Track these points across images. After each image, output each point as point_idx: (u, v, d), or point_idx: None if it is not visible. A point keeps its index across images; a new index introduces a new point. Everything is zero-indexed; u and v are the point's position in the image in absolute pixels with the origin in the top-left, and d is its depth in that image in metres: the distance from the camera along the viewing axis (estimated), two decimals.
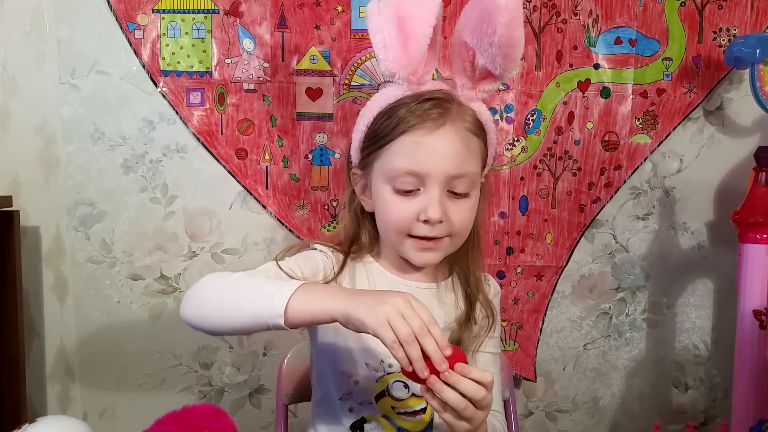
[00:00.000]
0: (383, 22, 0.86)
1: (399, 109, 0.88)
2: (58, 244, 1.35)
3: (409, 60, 0.87)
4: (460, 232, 0.90)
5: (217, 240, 1.39)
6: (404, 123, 0.87)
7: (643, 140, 1.45)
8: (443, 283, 0.97)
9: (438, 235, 0.88)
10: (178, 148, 1.36)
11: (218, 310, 0.79)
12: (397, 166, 0.87)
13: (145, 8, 1.32)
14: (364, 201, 0.95)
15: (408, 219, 0.87)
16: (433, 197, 0.86)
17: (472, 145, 0.90)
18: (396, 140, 0.87)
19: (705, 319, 1.52)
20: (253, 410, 1.43)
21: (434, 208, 0.85)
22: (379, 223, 0.92)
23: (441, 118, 0.87)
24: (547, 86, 1.41)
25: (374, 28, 0.87)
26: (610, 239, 1.48)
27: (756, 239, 1.31)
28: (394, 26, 0.85)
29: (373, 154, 0.90)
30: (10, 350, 1.14)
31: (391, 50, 0.86)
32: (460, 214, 0.88)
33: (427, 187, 0.86)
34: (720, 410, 1.53)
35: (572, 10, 1.40)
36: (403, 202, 0.87)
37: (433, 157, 0.86)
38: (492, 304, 0.98)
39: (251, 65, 1.35)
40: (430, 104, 0.88)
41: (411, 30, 0.85)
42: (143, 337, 1.39)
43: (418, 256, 0.90)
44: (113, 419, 1.41)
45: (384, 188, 0.89)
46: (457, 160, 0.87)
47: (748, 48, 1.28)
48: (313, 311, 0.74)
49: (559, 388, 1.51)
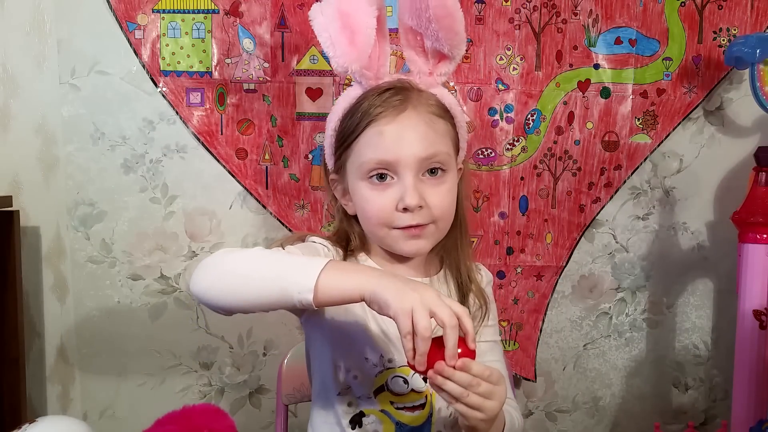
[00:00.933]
0: (327, 20, 0.87)
1: (361, 103, 0.89)
2: (58, 244, 1.35)
3: (359, 53, 0.88)
4: (442, 216, 0.90)
5: (217, 240, 1.39)
6: (367, 115, 0.88)
7: (643, 140, 1.45)
8: (435, 278, 0.97)
9: (421, 222, 0.87)
10: (178, 148, 1.36)
11: (240, 285, 0.75)
12: (367, 158, 0.87)
13: (145, 8, 1.32)
14: (346, 205, 0.95)
15: (387, 210, 0.87)
16: (407, 183, 0.86)
17: (438, 126, 0.91)
18: (362, 134, 0.88)
19: (705, 319, 1.52)
20: (253, 410, 1.43)
21: (410, 194, 0.85)
22: (362, 222, 0.92)
23: (402, 104, 0.88)
24: (547, 86, 1.41)
25: (319, 28, 0.88)
26: (610, 239, 1.48)
27: (756, 239, 1.31)
28: (338, 22, 0.87)
29: (344, 155, 0.91)
30: (10, 350, 1.14)
31: (339, 46, 0.87)
32: (438, 197, 0.88)
33: (399, 175, 0.87)
34: (720, 410, 1.53)
35: (572, 10, 1.40)
36: (379, 195, 0.87)
37: (399, 142, 0.87)
38: (485, 293, 0.98)
39: (251, 65, 1.35)
40: (389, 93, 0.89)
41: (355, 23, 0.87)
42: (143, 337, 1.39)
43: (407, 245, 0.89)
44: (113, 419, 1.41)
45: (359, 185, 0.89)
46: (424, 143, 0.88)
47: (748, 48, 1.28)
48: (344, 287, 0.73)
49: (559, 388, 1.51)
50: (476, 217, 1.42)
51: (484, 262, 1.42)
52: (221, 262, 0.77)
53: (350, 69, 0.88)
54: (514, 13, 1.39)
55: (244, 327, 1.41)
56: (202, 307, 1.40)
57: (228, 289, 0.76)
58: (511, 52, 1.40)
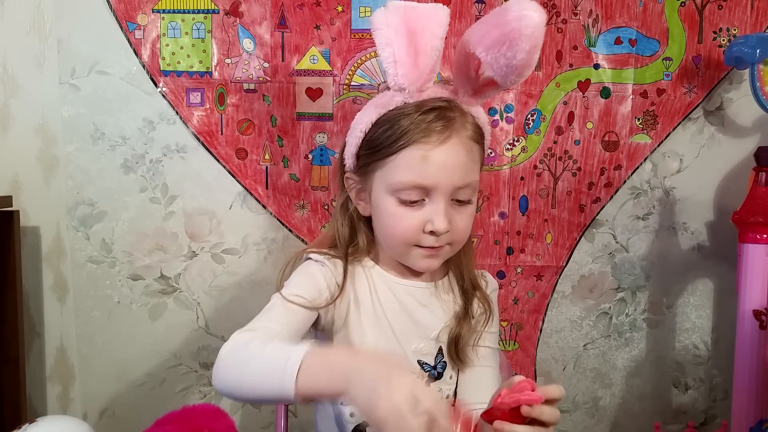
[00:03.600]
0: (392, 35, 0.83)
1: (401, 119, 0.86)
2: (58, 244, 1.35)
3: (419, 73, 0.85)
4: (460, 239, 0.92)
5: (217, 240, 1.39)
6: (408, 135, 0.86)
7: (643, 140, 1.45)
8: (440, 282, 0.98)
9: (442, 244, 0.89)
10: (178, 148, 1.36)
11: (241, 387, 0.77)
12: (404, 179, 0.86)
13: (145, 8, 1.32)
14: (360, 205, 0.94)
15: (415, 230, 0.88)
16: (439, 209, 0.86)
17: (475, 153, 0.91)
18: (400, 153, 0.86)
19: (705, 319, 1.52)
20: (253, 410, 1.43)
21: (441, 220, 0.86)
22: (383, 233, 0.93)
23: (446, 131, 0.86)
24: (547, 86, 1.41)
25: (383, 41, 0.84)
26: (610, 239, 1.48)
27: (756, 239, 1.31)
28: (405, 39, 0.83)
29: (373, 164, 0.90)
30: (10, 350, 1.14)
31: (402, 66, 0.84)
32: (462, 223, 0.90)
33: (432, 199, 0.87)
34: (720, 410, 1.53)
35: (572, 10, 1.40)
36: (409, 214, 0.88)
37: (441, 170, 0.86)
38: (489, 298, 0.99)
39: (251, 65, 1.35)
40: (433, 116, 0.86)
41: (421, 44, 0.83)
42: (143, 337, 1.39)
43: (422, 262, 0.91)
44: (113, 419, 1.41)
45: (388, 199, 0.89)
46: (462, 172, 0.88)
47: (748, 48, 1.28)
48: (319, 391, 0.72)
49: None
50: (476, 217, 1.42)
51: (484, 262, 1.43)
52: (225, 363, 0.78)
53: (408, 90, 0.85)
54: None
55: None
56: (202, 307, 1.40)
57: (235, 391, 0.78)
58: None
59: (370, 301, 0.94)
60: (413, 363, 0.94)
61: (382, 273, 0.95)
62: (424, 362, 0.95)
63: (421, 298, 0.96)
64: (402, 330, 0.93)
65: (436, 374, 0.96)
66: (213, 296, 1.40)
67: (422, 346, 0.95)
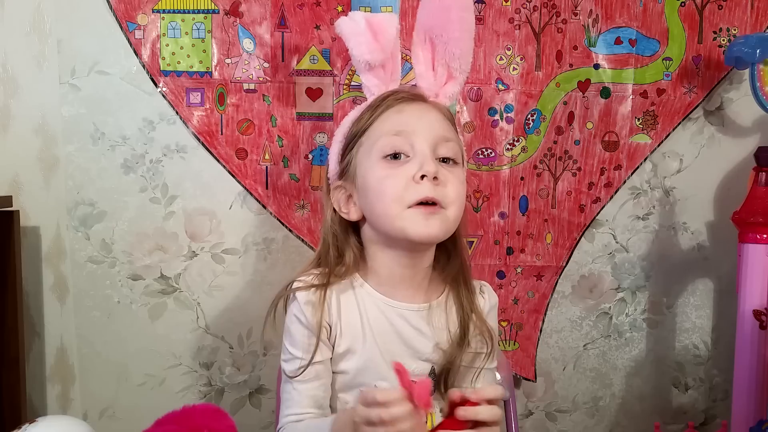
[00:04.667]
0: (354, 23, 0.98)
1: (375, 102, 0.95)
2: (58, 244, 1.35)
3: (381, 47, 0.96)
4: (455, 201, 0.89)
5: (217, 240, 1.39)
6: (383, 104, 0.93)
7: (643, 140, 1.45)
8: (435, 303, 0.95)
9: (437, 197, 0.87)
10: (178, 148, 1.36)
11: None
12: (383, 132, 0.90)
13: (145, 8, 1.32)
14: (349, 211, 0.94)
15: (404, 184, 0.87)
16: (425, 154, 0.88)
17: (451, 126, 0.95)
18: (378, 118, 0.92)
19: (705, 319, 1.52)
20: (253, 410, 1.43)
21: (428, 162, 0.87)
22: (375, 208, 0.90)
23: (418, 96, 0.96)
24: (547, 86, 1.41)
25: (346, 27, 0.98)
26: (610, 239, 1.48)
27: (756, 239, 1.31)
28: (363, 23, 0.97)
29: (354, 148, 0.93)
30: (10, 350, 1.14)
31: (363, 37, 0.96)
32: (452, 182, 0.89)
33: (416, 148, 0.89)
34: (720, 410, 1.53)
35: (572, 10, 1.40)
36: (396, 171, 0.88)
37: (417, 118, 0.91)
38: (489, 328, 0.95)
39: (251, 65, 1.35)
40: (403, 92, 0.96)
41: (378, 26, 0.97)
42: (143, 337, 1.39)
43: (420, 225, 0.87)
44: (113, 419, 1.41)
45: (374, 167, 0.90)
46: (440, 124, 0.92)
47: (748, 48, 1.28)
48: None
49: (559, 388, 1.51)
50: (476, 217, 1.42)
51: (484, 262, 1.43)
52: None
53: (370, 61, 0.96)
54: (514, 13, 1.39)
55: (244, 327, 1.41)
56: (202, 307, 1.40)
57: None
58: (511, 52, 1.40)
59: (359, 324, 0.92)
60: None
61: (372, 293, 0.93)
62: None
63: (413, 321, 0.93)
64: (392, 352, 0.91)
65: None
66: (213, 296, 1.40)
67: (414, 367, 0.92)
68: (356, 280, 0.94)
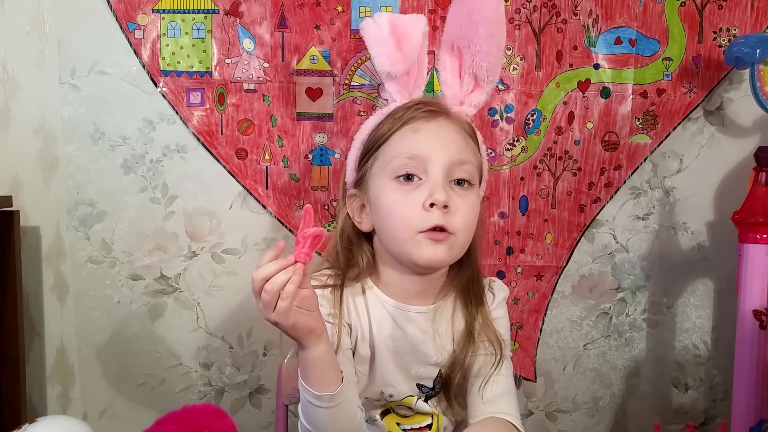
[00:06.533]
0: (378, 28, 0.94)
1: (394, 113, 0.92)
2: (58, 244, 1.36)
3: (404, 57, 0.92)
4: (464, 228, 0.88)
5: (217, 240, 1.39)
6: (400, 120, 0.90)
7: (643, 140, 1.45)
8: (441, 303, 0.96)
9: (445, 225, 0.86)
10: (178, 148, 1.36)
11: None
12: (398, 152, 0.88)
13: (145, 8, 1.32)
14: (362, 221, 0.94)
15: (415, 210, 0.86)
16: (436, 181, 0.86)
17: (470, 142, 0.92)
18: (394, 134, 0.90)
19: (705, 319, 1.52)
20: (253, 410, 1.43)
21: (439, 190, 0.85)
22: (384, 229, 0.91)
23: (437, 112, 0.92)
24: (547, 86, 1.41)
25: (369, 32, 0.95)
26: (610, 239, 1.48)
27: (756, 239, 1.31)
28: (387, 28, 0.93)
29: (370, 160, 0.91)
30: (10, 350, 1.14)
31: (385, 46, 0.92)
32: (463, 207, 0.87)
33: (429, 174, 0.87)
34: (720, 410, 1.53)
35: (572, 10, 1.40)
36: (406, 195, 0.87)
37: (433, 141, 0.89)
38: (498, 335, 0.94)
39: (251, 65, 1.35)
40: (424, 104, 0.92)
41: (403, 33, 0.93)
42: (143, 337, 1.39)
43: (427, 250, 0.87)
44: (113, 419, 1.41)
45: (386, 187, 0.89)
46: (457, 146, 0.90)
47: (748, 48, 1.28)
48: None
49: (559, 388, 1.51)
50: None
51: (484, 262, 1.43)
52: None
53: (391, 73, 0.93)
54: (514, 13, 1.39)
55: (244, 327, 1.41)
56: (202, 307, 1.40)
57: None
58: (511, 52, 1.40)
59: (368, 326, 0.93)
60: (412, 386, 0.95)
61: (381, 296, 0.94)
62: (423, 385, 0.95)
63: (421, 324, 0.94)
64: (400, 355, 0.93)
65: (433, 393, 0.96)
66: (213, 296, 1.40)
67: (422, 371, 0.94)
68: (367, 284, 0.95)
